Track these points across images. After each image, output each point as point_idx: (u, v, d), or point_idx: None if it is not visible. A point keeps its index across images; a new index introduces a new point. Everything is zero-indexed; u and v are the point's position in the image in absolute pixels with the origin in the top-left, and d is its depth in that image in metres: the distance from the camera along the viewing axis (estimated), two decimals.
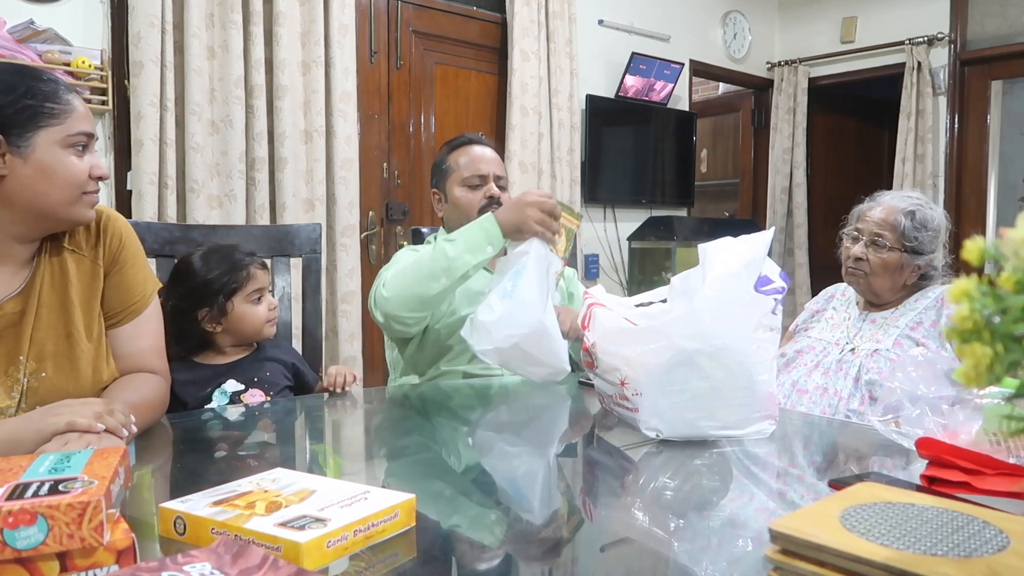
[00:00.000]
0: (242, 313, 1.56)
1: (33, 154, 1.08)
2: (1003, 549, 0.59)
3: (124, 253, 1.25)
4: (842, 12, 5.08)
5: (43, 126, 1.08)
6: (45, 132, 1.08)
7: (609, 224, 4.38)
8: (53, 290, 1.17)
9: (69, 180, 1.10)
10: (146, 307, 1.28)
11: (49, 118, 1.08)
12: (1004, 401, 0.97)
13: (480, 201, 1.84)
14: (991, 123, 4.60)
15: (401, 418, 1.49)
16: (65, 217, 1.13)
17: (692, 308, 1.13)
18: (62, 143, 1.10)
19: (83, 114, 1.13)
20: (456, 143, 1.93)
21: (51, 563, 0.63)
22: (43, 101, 1.08)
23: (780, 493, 1.01)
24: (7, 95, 1.07)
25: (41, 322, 1.15)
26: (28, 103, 1.07)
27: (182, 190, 2.76)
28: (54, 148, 1.09)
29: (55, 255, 1.18)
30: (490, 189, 1.84)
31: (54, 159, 1.09)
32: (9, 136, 1.06)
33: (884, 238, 1.75)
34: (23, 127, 1.07)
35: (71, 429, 0.97)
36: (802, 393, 1.73)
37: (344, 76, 3.10)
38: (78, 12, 2.64)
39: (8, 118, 1.06)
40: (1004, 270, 0.48)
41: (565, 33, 3.92)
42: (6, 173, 1.07)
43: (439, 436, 1.36)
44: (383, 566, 0.73)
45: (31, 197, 1.09)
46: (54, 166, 1.09)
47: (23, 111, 1.07)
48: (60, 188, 1.10)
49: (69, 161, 1.10)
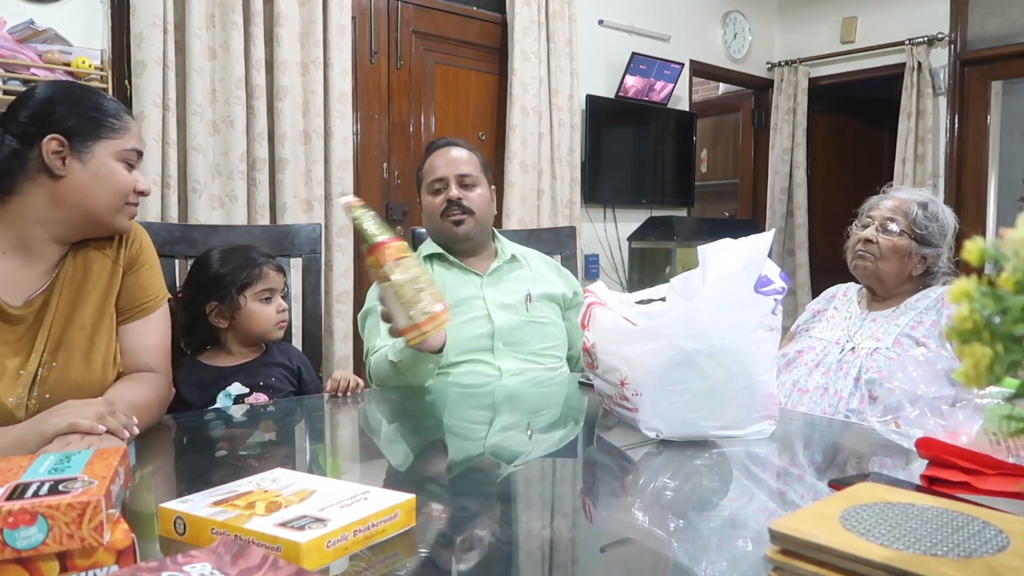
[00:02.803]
0: (251, 310, 1.57)
1: (91, 161, 1.19)
2: (1003, 549, 0.59)
3: (143, 256, 1.32)
4: (842, 12, 5.08)
5: (104, 138, 1.20)
6: (105, 143, 1.20)
7: (609, 224, 4.39)
8: (72, 284, 1.23)
9: (118, 189, 1.21)
10: (156, 309, 1.32)
11: (110, 131, 1.20)
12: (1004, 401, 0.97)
13: (441, 205, 1.83)
14: (991, 123, 4.60)
15: (401, 418, 1.49)
16: (107, 222, 1.23)
17: (692, 308, 1.13)
18: (117, 156, 1.21)
19: (136, 134, 1.25)
20: (428, 149, 1.94)
21: (51, 563, 0.63)
22: (107, 116, 1.21)
23: (780, 493, 1.01)
24: (76, 106, 1.19)
25: (59, 314, 1.21)
26: (93, 115, 1.19)
27: (183, 190, 2.76)
28: (109, 159, 1.20)
29: (81, 255, 1.25)
30: (449, 192, 1.82)
31: (108, 168, 1.20)
32: (73, 142, 1.17)
33: (896, 222, 1.77)
34: (86, 136, 1.18)
35: (73, 431, 0.98)
36: (802, 393, 1.73)
37: (342, 77, 3.10)
38: (78, 12, 2.64)
39: (75, 126, 1.18)
40: (1004, 270, 0.48)
41: (565, 33, 3.92)
42: (64, 174, 1.17)
43: (439, 436, 1.36)
44: (383, 566, 0.73)
45: (81, 199, 1.18)
46: (107, 174, 1.20)
47: (89, 122, 1.19)
48: (108, 195, 1.20)
49: (120, 172, 1.22)
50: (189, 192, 2.75)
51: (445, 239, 1.86)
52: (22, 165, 1.16)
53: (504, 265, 1.88)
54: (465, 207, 1.82)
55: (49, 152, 1.15)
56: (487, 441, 1.29)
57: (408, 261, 1.28)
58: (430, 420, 1.49)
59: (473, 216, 1.83)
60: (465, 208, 1.82)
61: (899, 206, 1.79)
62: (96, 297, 1.24)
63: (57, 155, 1.16)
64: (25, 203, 1.17)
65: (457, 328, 1.76)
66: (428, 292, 1.29)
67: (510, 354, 1.77)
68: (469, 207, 1.82)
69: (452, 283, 1.81)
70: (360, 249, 3.38)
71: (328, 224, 3.11)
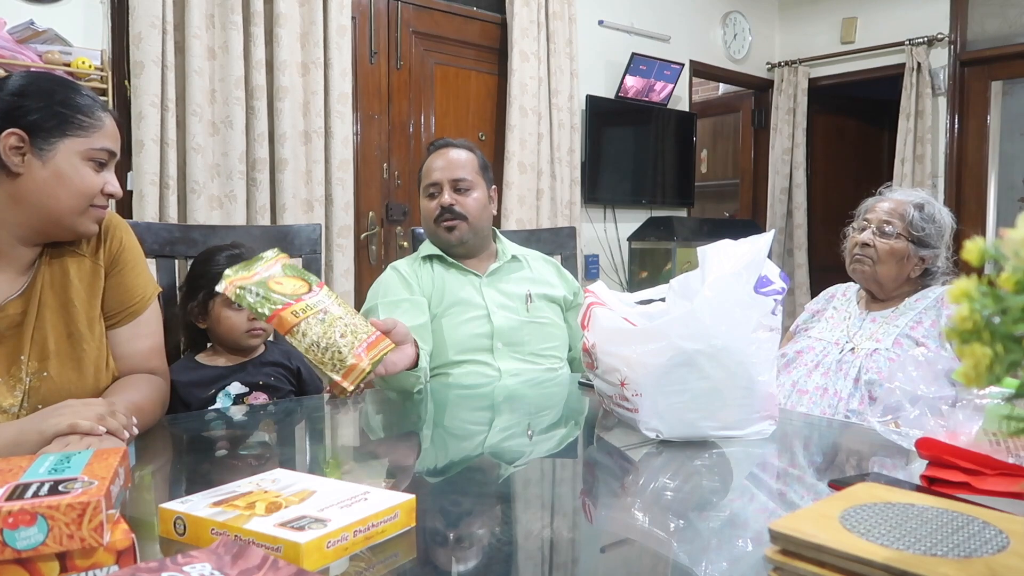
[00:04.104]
0: (220, 316, 1.56)
1: (53, 159, 1.11)
2: (1003, 549, 0.59)
3: (124, 255, 1.27)
4: (842, 12, 5.08)
5: (69, 135, 1.12)
6: (70, 141, 1.12)
7: (609, 224, 4.39)
8: (53, 291, 1.18)
9: (81, 190, 1.13)
10: (145, 309, 1.29)
11: (77, 129, 1.13)
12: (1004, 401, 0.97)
13: (435, 210, 1.82)
14: (991, 123, 4.60)
15: (401, 418, 1.49)
16: (69, 225, 1.16)
17: (692, 308, 1.13)
18: (83, 155, 1.13)
19: (110, 133, 1.17)
20: (429, 150, 1.93)
21: (51, 563, 0.63)
22: (75, 112, 1.13)
23: (780, 493, 1.01)
24: (42, 100, 1.11)
25: (42, 322, 1.17)
26: (60, 111, 1.11)
27: (183, 191, 2.77)
28: (74, 158, 1.13)
29: (56, 257, 1.20)
30: (441, 198, 1.82)
31: (71, 168, 1.12)
32: (35, 138, 1.10)
33: (892, 225, 1.77)
34: (50, 132, 1.11)
35: (73, 431, 0.97)
36: (802, 393, 1.73)
37: (342, 77, 3.10)
38: (78, 12, 2.64)
39: (37, 121, 1.10)
40: (1004, 270, 0.48)
41: (565, 33, 3.92)
42: (23, 172, 1.10)
43: (439, 436, 1.36)
44: (383, 567, 0.73)
45: (41, 200, 1.12)
46: (69, 174, 1.12)
47: (53, 117, 1.11)
48: (70, 196, 1.13)
49: (85, 172, 1.14)
50: (188, 192, 2.75)
51: (440, 243, 1.86)
52: None
53: (504, 265, 1.88)
54: (457, 212, 1.81)
55: (7, 148, 1.09)
56: (487, 442, 1.29)
57: (304, 324, 1.18)
58: (430, 421, 1.49)
59: (466, 221, 1.82)
60: (457, 214, 1.81)
61: (895, 208, 1.79)
62: (80, 301, 1.20)
63: (16, 151, 1.09)
64: None
65: (456, 328, 1.76)
66: (335, 349, 1.19)
67: (510, 354, 1.77)
68: (462, 212, 1.81)
69: (451, 283, 1.81)
70: (359, 249, 3.37)
71: (328, 224, 3.11)
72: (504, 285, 1.85)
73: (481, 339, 1.76)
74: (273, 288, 1.21)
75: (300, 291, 1.22)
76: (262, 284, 1.20)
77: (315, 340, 1.18)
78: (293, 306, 1.19)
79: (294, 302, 1.20)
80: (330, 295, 1.26)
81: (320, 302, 1.22)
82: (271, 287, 1.21)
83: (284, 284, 1.23)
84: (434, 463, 1.18)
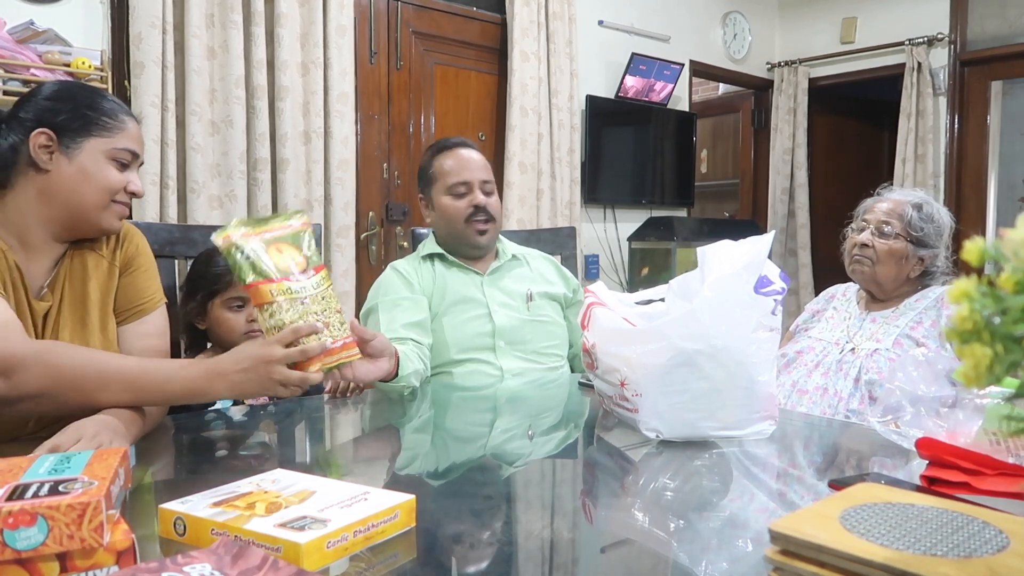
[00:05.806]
0: (219, 318, 1.56)
1: (78, 157, 1.19)
2: (1003, 549, 0.59)
3: (139, 259, 1.33)
4: (842, 12, 5.08)
5: (94, 135, 1.20)
6: (95, 141, 1.20)
7: (609, 224, 4.38)
8: (72, 285, 1.25)
9: (104, 186, 1.21)
10: (152, 310, 1.33)
11: (101, 130, 1.21)
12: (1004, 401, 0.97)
13: (466, 210, 1.80)
14: (991, 123, 4.60)
15: (401, 418, 1.49)
16: (94, 220, 1.23)
17: (692, 309, 1.13)
18: (107, 154, 1.21)
19: (134, 135, 1.25)
20: (440, 147, 1.88)
21: (51, 564, 0.63)
22: (100, 115, 1.21)
23: (780, 493, 1.01)
24: (70, 103, 1.21)
25: (61, 315, 1.22)
26: (86, 113, 1.20)
27: (183, 191, 2.76)
28: (98, 157, 1.21)
29: (78, 254, 1.27)
30: (475, 198, 1.80)
31: (95, 165, 1.20)
32: (63, 137, 1.18)
33: (891, 226, 1.77)
34: (76, 132, 1.19)
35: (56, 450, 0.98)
36: (802, 393, 1.73)
37: (342, 77, 3.10)
38: (78, 13, 2.64)
39: (65, 122, 1.19)
40: (1004, 271, 0.48)
41: (565, 33, 3.92)
42: (51, 169, 1.18)
43: (439, 437, 1.36)
44: (383, 567, 0.73)
45: (67, 195, 1.19)
46: (93, 171, 1.20)
47: (79, 118, 1.20)
48: (94, 191, 1.21)
49: (108, 170, 1.22)
50: (188, 192, 2.75)
51: (464, 244, 1.83)
52: (16, 160, 1.18)
53: (505, 264, 1.88)
54: (490, 214, 1.81)
55: (36, 146, 1.17)
56: (488, 442, 1.29)
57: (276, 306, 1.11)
58: (431, 421, 1.49)
59: (494, 223, 1.83)
60: (489, 215, 1.81)
61: (894, 208, 1.79)
62: (98, 297, 1.26)
63: (45, 149, 1.17)
64: (19, 198, 1.19)
65: (458, 327, 1.76)
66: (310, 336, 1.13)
67: (512, 353, 1.77)
68: (493, 214, 1.82)
69: (452, 282, 1.81)
70: (359, 249, 3.38)
71: (328, 224, 3.11)
72: (505, 284, 1.85)
73: (483, 337, 1.76)
74: (269, 255, 1.13)
75: (293, 270, 1.14)
76: (261, 246, 1.13)
77: (278, 325, 1.11)
78: (276, 284, 1.12)
79: (279, 280, 1.12)
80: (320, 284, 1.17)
81: (303, 290, 1.14)
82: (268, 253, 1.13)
83: (284, 255, 1.15)
84: (434, 463, 1.18)
